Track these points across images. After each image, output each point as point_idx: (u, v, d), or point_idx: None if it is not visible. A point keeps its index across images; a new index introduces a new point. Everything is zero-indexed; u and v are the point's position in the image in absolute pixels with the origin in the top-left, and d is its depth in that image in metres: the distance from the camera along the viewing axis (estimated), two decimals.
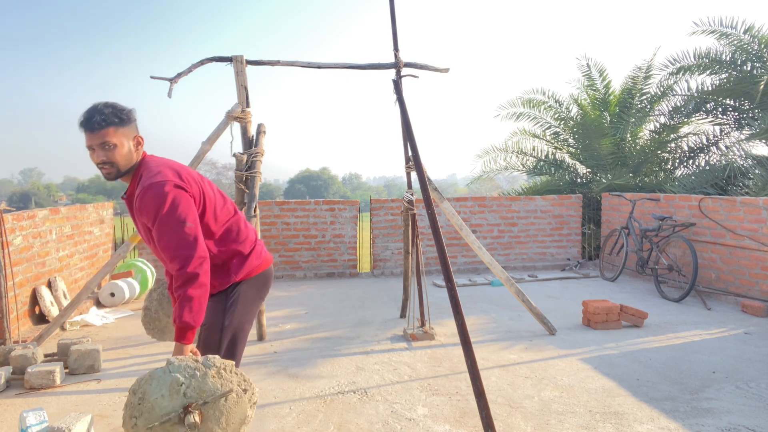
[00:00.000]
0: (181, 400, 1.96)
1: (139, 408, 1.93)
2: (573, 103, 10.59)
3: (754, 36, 8.64)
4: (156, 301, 2.89)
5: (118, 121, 2.18)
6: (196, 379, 2.00)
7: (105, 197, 47.75)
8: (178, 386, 1.97)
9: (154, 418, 1.92)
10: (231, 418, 2.04)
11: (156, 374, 1.97)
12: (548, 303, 6.45)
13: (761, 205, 6.11)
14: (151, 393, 1.94)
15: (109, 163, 2.20)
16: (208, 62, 5.15)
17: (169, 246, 2.13)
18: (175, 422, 1.95)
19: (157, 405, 1.93)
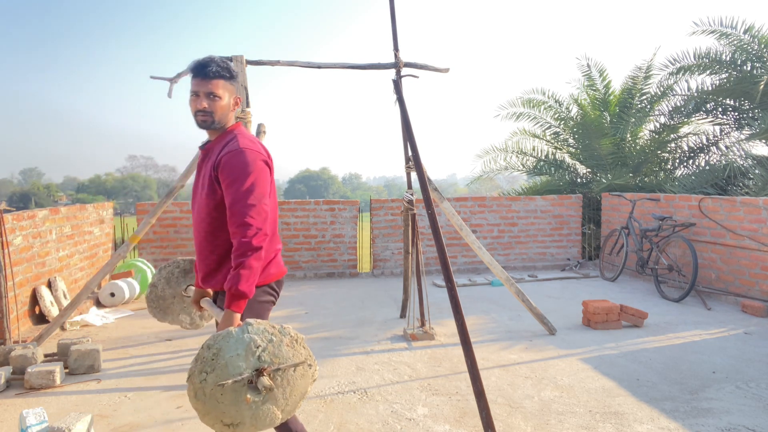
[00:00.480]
0: (255, 362, 1.93)
1: (212, 363, 1.88)
2: (573, 103, 10.59)
3: (754, 36, 8.64)
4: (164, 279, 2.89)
5: (228, 75, 2.27)
6: (273, 345, 1.98)
7: (105, 197, 47.79)
8: (255, 348, 1.94)
9: (226, 376, 1.88)
10: (294, 390, 2.03)
11: (233, 333, 1.93)
12: (548, 303, 6.45)
13: (761, 205, 6.11)
14: (227, 350, 1.90)
15: (209, 112, 2.25)
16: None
17: (244, 213, 2.12)
18: (245, 384, 1.91)
19: (231, 363, 1.89)
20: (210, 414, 1.89)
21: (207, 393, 1.86)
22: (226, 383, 1.86)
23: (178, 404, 3.73)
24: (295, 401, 2.03)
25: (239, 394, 1.91)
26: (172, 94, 5.27)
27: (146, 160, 72.27)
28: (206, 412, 1.89)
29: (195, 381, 1.87)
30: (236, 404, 1.89)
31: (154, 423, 3.45)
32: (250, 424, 1.94)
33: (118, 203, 34.46)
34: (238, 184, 2.15)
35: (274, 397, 1.97)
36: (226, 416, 1.89)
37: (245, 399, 1.91)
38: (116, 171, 67.62)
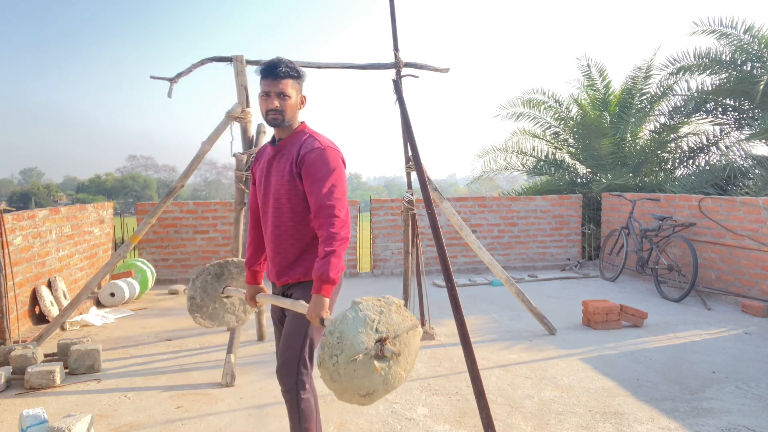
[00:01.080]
0: (374, 335, 2.10)
1: (339, 347, 2.02)
2: (573, 103, 10.58)
3: (754, 36, 8.63)
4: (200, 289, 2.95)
5: (296, 75, 2.37)
6: (384, 315, 2.16)
7: (105, 197, 47.80)
8: (371, 322, 2.11)
9: (354, 353, 2.03)
10: (411, 350, 2.24)
11: (348, 314, 2.08)
12: (548, 303, 6.45)
13: (761, 205, 6.11)
14: (348, 331, 2.05)
15: (280, 111, 2.34)
16: (208, 62, 5.14)
17: (332, 206, 2.26)
18: (372, 356, 2.08)
19: (355, 341, 2.04)
20: (347, 391, 2.06)
21: (341, 373, 2.03)
22: (357, 358, 2.03)
23: (178, 404, 3.73)
24: (413, 359, 2.25)
25: (370, 365, 2.09)
26: (172, 94, 5.27)
27: (146, 160, 72.21)
28: (344, 390, 2.06)
29: (328, 366, 2.02)
30: (368, 376, 2.08)
31: (154, 423, 3.45)
32: (383, 389, 2.14)
33: (118, 203, 34.47)
34: (323, 180, 2.28)
35: (398, 360, 2.17)
36: (361, 388, 2.08)
37: (375, 369, 2.09)
38: (116, 171, 67.57)
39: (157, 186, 60.75)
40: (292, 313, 2.41)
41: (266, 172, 2.47)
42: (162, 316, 6.20)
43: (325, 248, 2.23)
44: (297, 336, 2.38)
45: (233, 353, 4.18)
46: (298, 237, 2.41)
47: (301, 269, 2.43)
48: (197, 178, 63.90)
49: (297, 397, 2.36)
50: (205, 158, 5.21)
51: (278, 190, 2.39)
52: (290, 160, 2.36)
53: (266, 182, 2.47)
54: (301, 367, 2.37)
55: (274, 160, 2.44)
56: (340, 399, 2.10)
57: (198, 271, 2.97)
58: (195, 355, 4.77)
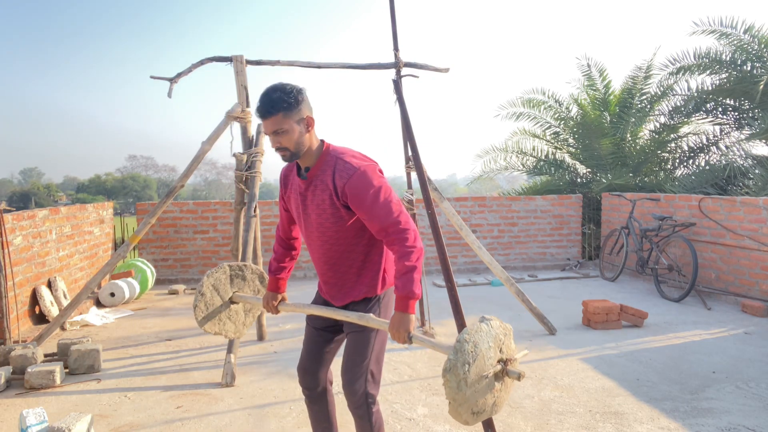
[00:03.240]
0: (497, 354, 2.11)
1: (473, 355, 2.02)
2: (573, 103, 10.58)
3: (754, 36, 8.63)
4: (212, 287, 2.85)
5: (286, 106, 2.19)
6: (507, 338, 2.17)
7: (105, 197, 47.79)
8: (499, 342, 2.13)
9: (484, 367, 2.04)
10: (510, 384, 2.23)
11: (483, 327, 2.08)
12: (548, 303, 6.45)
13: (761, 205, 6.11)
14: (481, 343, 2.05)
15: (284, 148, 2.24)
16: (208, 62, 5.15)
17: (397, 222, 2.22)
18: (494, 373, 2.10)
19: (486, 355, 2.05)
20: (465, 403, 2.04)
21: (469, 383, 2.01)
22: (488, 373, 2.06)
23: (178, 404, 3.73)
24: (510, 392, 2.24)
25: (491, 383, 2.10)
26: (172, 94, 5.27)
27: (146, 160, 72.07)
28: (463, 401, 2.03)
29: (459, 372, 2.00)
30: (486, 393, 2.09)
31: (154, 423, 3.46)
32: (488, 412, 2.14)
33: (118, 203, 34.43)
34: (374, 201, 2.21)
35: (506, 386, 2.18)
36: (477, 405, 2.09)
37: (494, 388, 2.11)
38: (116, 171, 67.46)
39: (157, 186, 60.72)
40: (353, 327, 2.36)
41: (302, 206, 2.38)
42: (162, 316, 6.20)
43: (405, 263, 2.18)
44: (363, 352, 2.35)
45: (233, 353, 4.19)
46: (352, 263, 2.37)
47: (364, 288, 2.40)
48: (197, 178, 63.93)
49: (368, 411, 2.35)
50: (205, 158, 5.21)
51: (322, 225, 2.32)
52: (327, 191, 2.26)
53: (305, 216, 2.39)
54: (370, 382, 2.35)
55: (308, 191, 2.33)
56: (454, 412, 2.05)
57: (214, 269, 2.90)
58: (195, 355, 4.77)
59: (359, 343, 2.36)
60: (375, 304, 2.41)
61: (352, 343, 2.37)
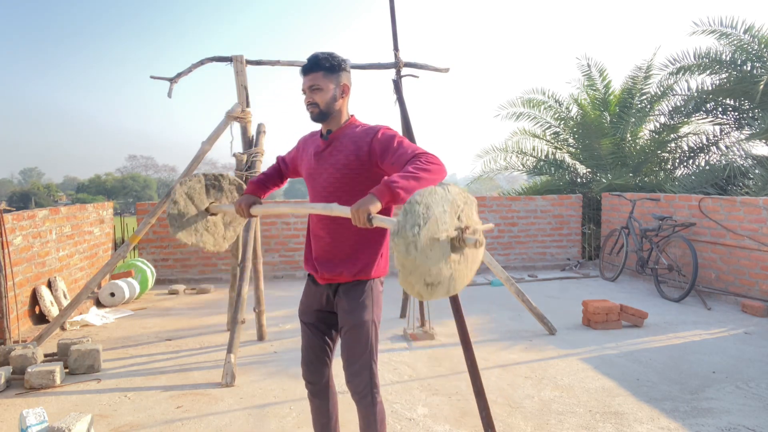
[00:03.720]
0: (455, 222, 1.97)
1: (423, 217, 1.88)
2: (573, 103, 10.58)
3: (754, 36, 8.63)
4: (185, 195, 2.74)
5: (328, 66, 2.32)
6: (467, 206, 2.03)
7: (105, 197, 47.77)
8: (456, 208, 1.98)
9: (436, 231, 1.91)
10: (475, 258, 2.10)
11: (437, 191, 1.94)
12: (548, 303, 6.45)
13: (761, 205, 6.10)
14: (435, 205, 1.91)
15: (313, 104, 2.34)
16: (208, 62, 5.15)
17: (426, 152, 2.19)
18: (449, 241, 1.96)
19: (439, 219, 1.91)
20: (416, 271, 1.90)
21: (419, 247, 1.87)
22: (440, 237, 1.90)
23: (178, 404, 3.73)
24: (473, 270, 2.11)
25: (445, 251, 1.95)
26: (172, 94, 5.27)
27: (146, 160, 72.05)
28: (414, 269, 1.89)
29: (407, 234, 1.85)
30: (440, 262, 1.94)
31: (154, 423, 3.46)
32: (445, 286, 2.00)
33: (118, 203, 34.39)
34: (400, 146, 2.24)
35: (466, 258, 2.03)
36: (430, 274, 1.93)
37: (449, 257, 1.96)
38: (116, 171, 67.45)
39: (157, 186, 60.71)
40: (350, 323, 2.35)
41: (316, 164, 2.41)
42: (162, 316, 6.20)
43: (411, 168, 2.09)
44: (361, 345, 2.34)
45: (233, 353, 4.19)
46: (352, 232, 2.33)
47: (357, 264, 2.34)
48: None
49: (373, 401, 2.35)
50: (205, 158, 5.21)
51: (332, 184, 2.34)
52: (348, 151, 2.32)
53: (317, 174, 2.40)
54: (373, 371, 2.36)
55: (326, 151, 2.38)
56: (404, 281, 1.92)
57: (188, 177, 2.81)
58: (195, 355, 4.77)
59: (357, 337, 2.35)
60: (366, 294, 2.37)
61: (350, 338, 2.37)
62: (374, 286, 2.41)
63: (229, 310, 5.52)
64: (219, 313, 6.20)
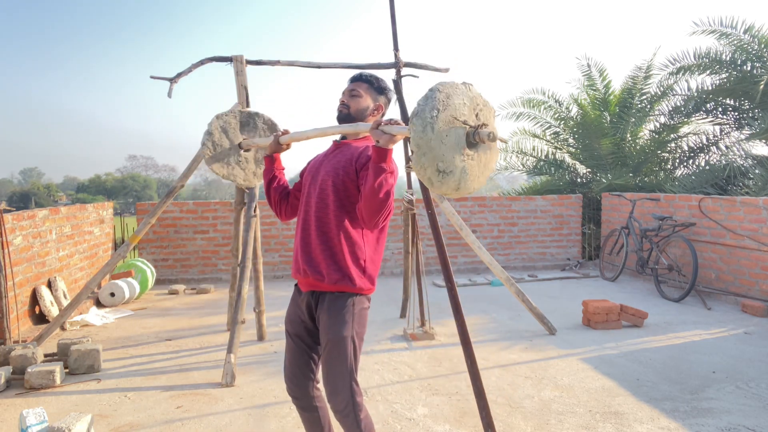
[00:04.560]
0: (473, 118, 2.05)
1: (444, 104, 1.97)
2: (573, 103, 10.58)
3: (754, 36, 8.63)
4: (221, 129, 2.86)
5: (375, 84, 2.54)
6: (487, 110, 2.11)
7: (105, 197, 47.76)
8: (476, 106, 2.07)
9: (453, 117, 1.98)
10: (489, 162, 2.16)
11: (459, 86, 2.04)
12: (548, 303, 6.45)
13: (761, 205, 6.10)
14: (455, 96, 2.01)
15: (345, 104, 2.51)
16: (208, 62, 5.15)
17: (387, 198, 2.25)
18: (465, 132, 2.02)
19: (458, 109, 2.00)
20: (430, 153, 1.97)
21: (435, 129, 1.95)
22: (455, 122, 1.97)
23: (178, 404, 3.73)
24: (485, 174, 2.18)
25: (460, 141, 2.02)
26: (172, 94, 5.27)
27: (146, 160, 71.99)
28: (428, 150, 1.97)
29: (426, 116, 1.95)
30: (454, 151, 2.01)
31: (154, 423, 3.46)
32: (458, 178, 2.06)
33: (118, 203, 34.38)
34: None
35: (480, 158, 2.10)
36: (443, 160, 2.00)
37: (464, 149, 2.03)
38: (116, 171, 67.40)
39: (157, 186, 60.68)
40: (330, 338, 2.31)
41: (319, 166, 2.47)
42: (162, 316, 6.20)
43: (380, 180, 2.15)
44: (342, 360, 2.31)
45: (233, 353, 4.18)
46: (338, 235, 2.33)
47: (341, 270, 2.32)
48: (197, 178, 63.75)
49: (356, 420, 2.31)
50: None
51: (326, 181, 2.37)
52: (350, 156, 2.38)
53: (316, 173, 2.45)
54: (354, 389, 2.31)
55: (332, 154, 2.47)
56: (417, 162, 1.98)
57: (225, 112, 2.89)
58: (195, 355, 4.77)
59: (336, 354, 2.30)
60: (347, 309, 2.33)
61: (329, 355, 2.32)
62: (356, 301, 2.36)
63: (229, 310, 5.52)
64: (219, 313, 6.20)
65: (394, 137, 2.14)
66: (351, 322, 2.32)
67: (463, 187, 2.10)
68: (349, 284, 2.33)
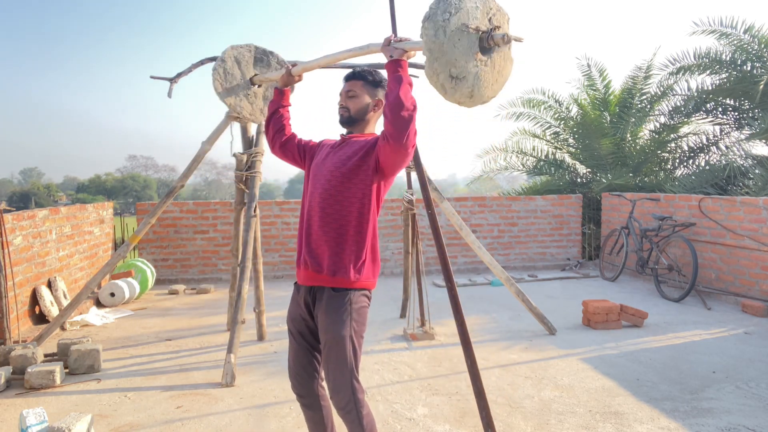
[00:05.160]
0: (486, 22, 2.01)
1: (456, 6, 1.93)
2: (573, 103, 10.58)
3: (754, 36, 8.63)
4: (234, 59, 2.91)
5: (370, 79, 2.45)
6: (501, 15, 2.06)
7: (105, 197, 47.75)
8: (489, 10, 2.03)
9: (467, 21, 1.94)
10: (503, 70, 2.12)
11: None
12: (548, 303, 6.45)
13: (761, 205, 6.10)
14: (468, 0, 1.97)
15: (344, 107, 2.46)
16: (208, 62, 5.14)
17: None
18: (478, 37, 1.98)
19: (471, 12, 1.96)
20: (442, 58, 1.94)
21: (448, 33, 1.92)
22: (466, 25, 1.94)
23: (178, 404, 3.73)
24: (501, 82, 2.13)
25: (473, 46, 1.98)
26: (172, 94, 5.27)
27: (146, 160, 71.93)
28: (440, 55, 1.93)
29: (438, 19, 1.91)
30: (467, 55, 1.96)
31: (154, 423, 3.45)
32: (471, 84, 2.01)
33: (118, 203, 34.31)
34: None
35: (494, 64, 2.05)
36: (456, 65, 1.96)
37: (476, 54, 1.98)
38: (116, 171, 67.37)
39: (157, 186, 60.66)
40: (328, 337, 2.32)
41: (325, 158, 2.46)
42: (162, 316, 6.20)
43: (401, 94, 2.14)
44: (342, 359, 2.31)
45: (233, 353, 4.18)
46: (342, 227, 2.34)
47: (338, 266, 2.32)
48: (197, 178, 63.83)
49: (359, 416, 2.32)
50: (205, 158, 5.21)
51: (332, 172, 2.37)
52: (356, 148, 2.37)
53: (321, 165, 2.44)
54: (355, 387, 2.32)
55: (338, 147, 2.46)
56: (430, 68, 1.97)
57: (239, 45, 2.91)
58: (195, 355, 4.77)
59: (336, 353, 2.31)
60: (345, 308, 2.33)
61: (329, 354, 2.33)
62: (354, 298, 2.36)
63: (229, 310, 5.52)
64: (219, 313, 6.20)
65: (407, 51, 2.15)
66: (349, 321, 2.33)
67: (477, 94, 2.06)
68: (347, 278, 2.33)
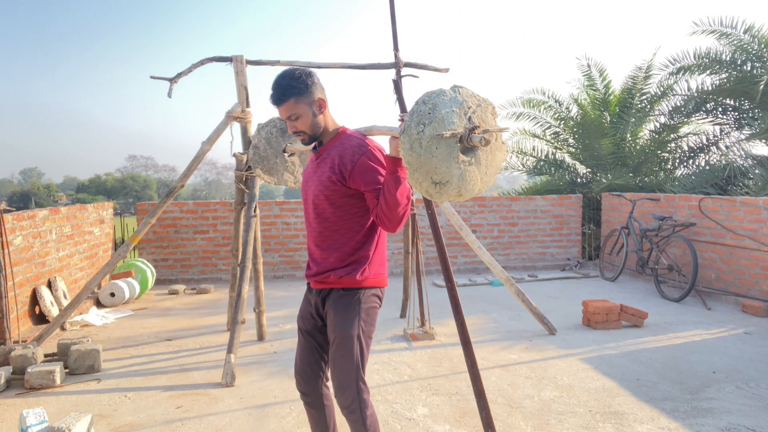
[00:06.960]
0: (466, 122, 1.99)
1: (429, 116, 1.93)
2: (573, 103, 10.58)
3: (754, 36, 8.63)
4: (264, 140, 2.97)
5: (296, 91, 2.26)
6: (481, 110, 2.05)
7: (105, 197, 47.75)
8: (467, 109, 2.01)
9: (442, 130, 1.93)
10: (494, 161, 2.10)
11: (447, 91, 1.98)
12: (548, 303, 6.45)
13: (761, 205, 6.10)
14: (442, 105, 1.96)
15: (299, 132, 2.33)
16: (208, 62, 5.14)
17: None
18: (458, 141, 1.97)
19: (446, 118, 1.95)
20: (422, 169, 1.94)
21: (423, 145, 1.92)
22: (445, 134, 1.92)
23: (178, 404, 3.73)
24: (492, 174, 2.12)
25: (453, 150, 1.97)
26: (172, 94, 5.27)
27: (146, 160, 71.93)
28: (419, 166, 1.94)
29: (412, 132, 1.92)
30: (448, 161, 1.96)
31: (154, 423, 3.45)
32: (456, 186, 2.01)
33: (118, 203, 34.34)
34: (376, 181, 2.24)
35: (479, 161, 2.04)
36: (437, 172, 1.96)
37: (457, 157, 1.97)
38: (116, 171, 67.37)
39: (157, 186, 60.66)
40: (336, 335, 2.33)
41: (308, 177, 2.45)
42: (162, 316, 6.20)
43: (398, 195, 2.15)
44: (349, 358, 2.31)
45: (233, 353, 4.18)
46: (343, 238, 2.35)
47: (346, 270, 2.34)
48: (197, 178, 63.88)
49: (362, 415, 2.32)
50: (205, 158, 5.21)
51: (320, 194, 2.35)
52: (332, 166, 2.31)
53: (307, 188, 2.44)
54: (360, 387, 2.32)
55: (317, 164, 2.41)
56: (411, 178, 1.98)
57: (264, 123, 2.94)
58: (195, 355, 4.77)
59: (343, 352, 2.31)
60: (353, 307, 2.34)
61: (336, 352, 2.34)
62: (363, 297, 2.36)
63: (229, 310, 5.52)
64: (219, 313, 6.20)
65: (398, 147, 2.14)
66: (358, 320, 2.33)
67: (465, 192, 2.06)
68: (354, 278, 2.34)
